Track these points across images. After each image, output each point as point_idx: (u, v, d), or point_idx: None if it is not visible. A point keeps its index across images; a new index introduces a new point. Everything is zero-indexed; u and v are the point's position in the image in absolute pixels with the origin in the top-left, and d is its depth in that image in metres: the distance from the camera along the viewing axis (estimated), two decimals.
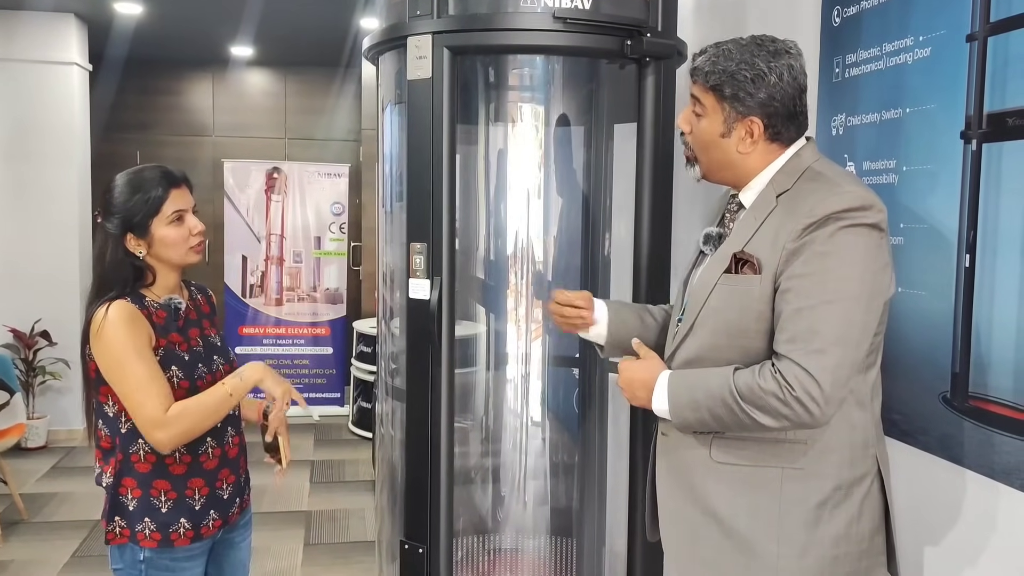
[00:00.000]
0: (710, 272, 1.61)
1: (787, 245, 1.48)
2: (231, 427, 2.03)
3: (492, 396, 2.99)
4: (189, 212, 1.91)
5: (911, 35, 1.73)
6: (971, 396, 1.57)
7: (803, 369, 1.42)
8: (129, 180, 1.89)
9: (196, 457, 1.92)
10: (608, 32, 2.26)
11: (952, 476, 1.65)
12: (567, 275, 2.92)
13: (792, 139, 1.60)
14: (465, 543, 2.90)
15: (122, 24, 6.02)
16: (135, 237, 1.87)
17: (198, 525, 1.92)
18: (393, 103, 2.62)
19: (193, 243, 1.92)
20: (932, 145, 1.67)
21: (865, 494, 1.57)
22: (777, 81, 1.54)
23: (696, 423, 1.57)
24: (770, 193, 1.57)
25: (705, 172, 1.68)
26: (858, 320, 1.45)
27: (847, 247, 1.45)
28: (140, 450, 1.88)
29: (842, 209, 1.45)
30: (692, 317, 1.62)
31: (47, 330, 5.78)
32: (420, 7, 2.28)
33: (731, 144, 1.60)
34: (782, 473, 1.55)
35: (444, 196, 2.28)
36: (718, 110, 1.59)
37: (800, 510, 1.54)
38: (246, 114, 7.75)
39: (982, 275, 1.54)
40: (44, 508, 4.65)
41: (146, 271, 1.90)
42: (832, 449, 1.54)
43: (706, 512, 1.62)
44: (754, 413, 1.47)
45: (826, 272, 1.44)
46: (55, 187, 5.93)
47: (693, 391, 1.55)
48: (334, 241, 6.86)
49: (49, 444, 5.81)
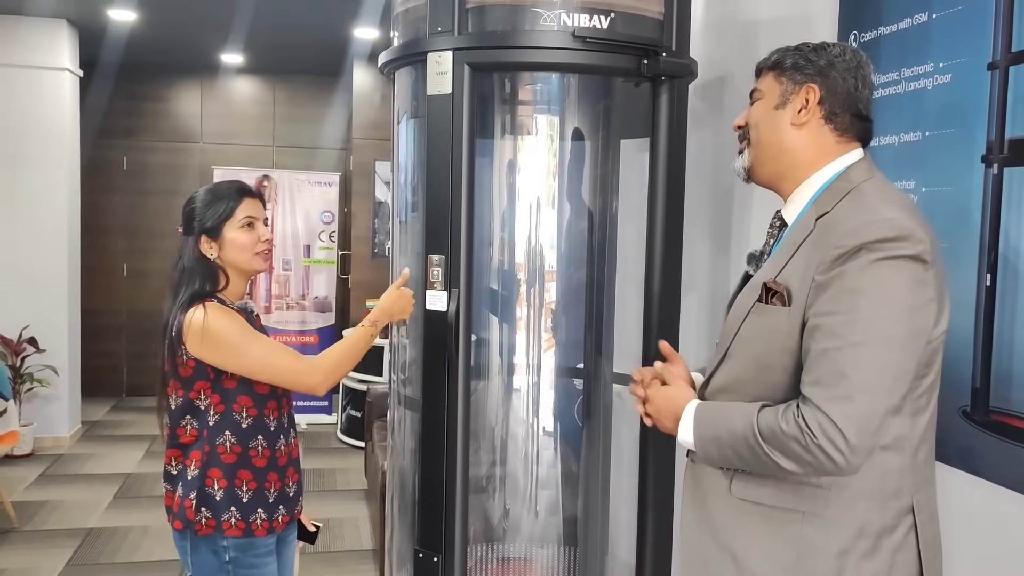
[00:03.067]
0: (745, 299, 1.52)
1: (816, 277, 1.37)
2: (292, 430, 2.17)
3: (498, 405, 3.03)
4: (260, 221, 2.07)
5: (931, 61, 1.80)
6: (992, 410, 1.63)
7: (826, 416, 1.31)
8: (209, 190, 2.07)
9: (274, 453, 2.06)
10: (625, 51, 2.31)
11: (972, 488, 1.71)
12: (577, 288, 2.96)
13: (848, 132, 1.50)
14: (475, 551, 2.92)
15: (114, 30, 6.01)
16: (208, 239, 2.02)
17: (272, 518, 2.05)
18: (409, 116, 2.65)
19: (260, 249, 2.06)
20: (951, 168, 1.73)
21: (898, 547, 1.42)
22: (840, 53, 1.49)
23: (720, 459, 1.49)
24: (811, 215, 1.47)
25: (753, 160, 1.57)
26: (892, 364, 1.33)
27: (880, 283, 1.32)
28: (227, 441, 2.00)
29: (875, 240, 1.32)
30: (726, 345, 1.55)
31: (34, 336, 5.73)
32: (441, 24, 2.31)
33: (785, 116, 1.51)
34: (802, 517, 1.44)
35: (463, 210, 2.31)
36: (776, 86, 1.54)
37: (819, 559, 1.42)
38: (235, 121, 7.74)
39: (1003, 293, 1.60)
40: (35, 516, 4.62)
41: (220, 272, 2.04)
42: (856, 495, 1.41)
43: (722, 547, 1.53)
44: (776, 457, 1.37)
45: (856, 311, 1.32)
46: (44, 192, 5.90)
47: (717, 428, 1.47)
48: (323, 250, 6.87)
49: (36, 451, 5.76)
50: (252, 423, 2.03)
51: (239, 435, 2.01)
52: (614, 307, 2.92)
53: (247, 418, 2.02)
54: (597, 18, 2.29)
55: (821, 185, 1.49)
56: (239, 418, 2.01)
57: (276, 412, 2.09)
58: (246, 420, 2.02)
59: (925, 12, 1.82)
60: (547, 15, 2.27)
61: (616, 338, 2.92)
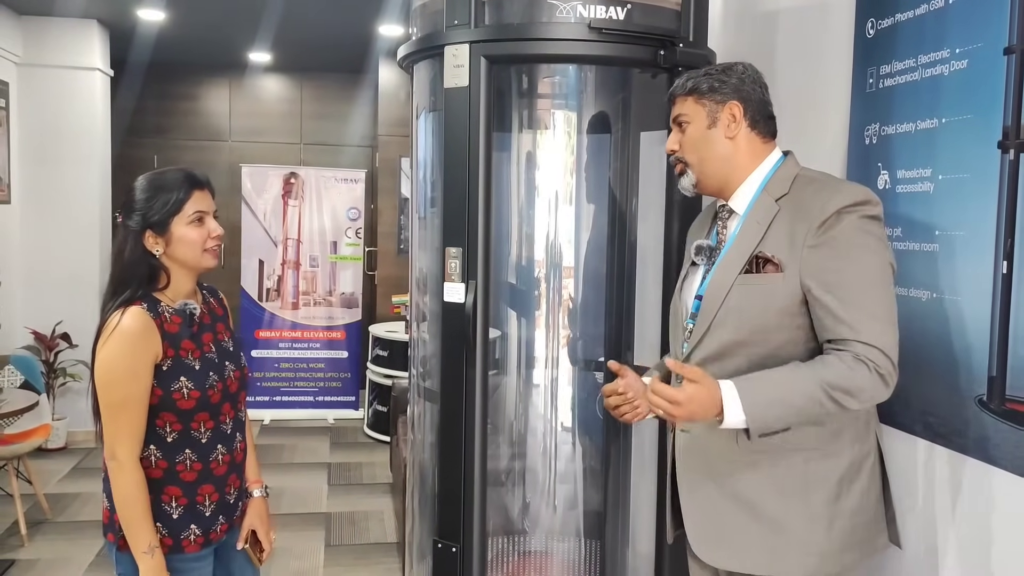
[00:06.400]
0: (724, 275, 1.72)
1: (807, 242, 1.61)
2: (239, 433, 2.03)
3: (518, 399, 3.04)
4: (210, 215, 1.91)
5: (947, 47, 1.77)
6: (1008, 399, 1.61)
7: (878, 349, 1.56)
8: (152, 180, 1.89)
9: (207, 465, 1.92)
10: (642, 42, 2.31)
11: (988, 477, 1.69)
12: (595, 280, 2.96)
13: (767, 132, 1.78)
14: (495, 544, 2.94)
15: (144, 30, 6.09)
16: (154, 235, 1.86)
17: (208, 531, 1.92)
18: (428, 110, 2.67)
19: (210, 246, 1.90)
20: (968, 155, 1.71)
21: (871, 467, 1.74)
22: (744, 71, 1.77)
23: (775, 421, 1.63)
24: (767, 199, 1.72)
25: (699, 176, 1.81)
26: (891, 300, 1.63)
27: (866, 236, 1.61)
28: (152, 456, 1.86)
29: (851, 203, 1.60)
30: (709, 318, 1.73)
31: (67, 332, 5.83)
32: (458, 17, 2.33)
33: (719, 133, 1.76)
34: (805, 455, 1.68)
35: (480, 202, 2.32)
36: (700, 109, 1.78)
37: (824, 487, 1.68)
38: (262, 119, 7.81)
39: (1020, 281, 1.58)
40: (68, 508, 4.70)
41: (161, 272, 1.88)
42: (844, 428, 1.69)
43: (736, 500, 1.72)
44: (842, 399, 1.57)
45: (859, 261, 1.59)
46: (76, 190, 6.00)
47: (771, 392, 1.60)
48: (350, 246, 6.91)
49: (68, 445, 5.87)
50: (177, 437, 1.87)
51: (164, 450, 1.86)
52: (634, 300, 2.91)
53: (171, 432, 1.87)
54: (614, 9, 2.29)
55: (763, 178, 1.76)
56: (163, 433, 1.86)
57: (211, 422, 1.92)
58: (170, 435, 1.87)
59: None
60: (563, 7, 2.28)
61: (636, 331, 2.91)
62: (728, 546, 1.75)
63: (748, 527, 1.71)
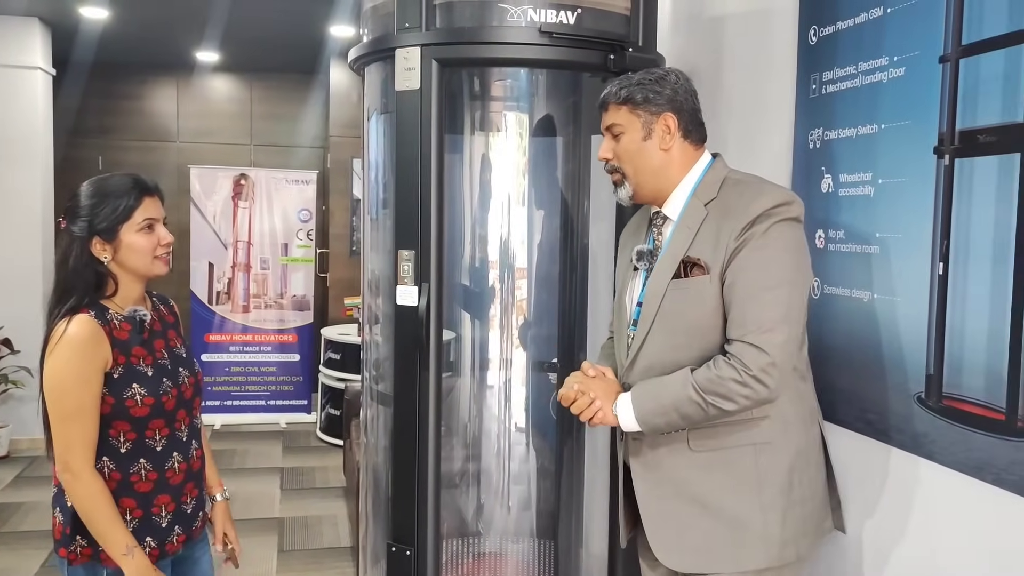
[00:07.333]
0: (657, 281, 1.78)
1: (729, 244, 1.67)
2: (195, 440, 1.98)
3: (472, 401, 3.04)
4: (159, 222, 1.88)
5: (886, 55, 1.83)
6: (945, 396, 1.66)
7: (755, 347, 1.61)
8: (100, 185, 1.84)
9: (163, 473, 1.87)
10: (591, 47, 2.34)
11: (927, 473, 1.74)
12: (548, 281, 2.98)
13: (699, 140, 1.83)
14: (449, 546, 2.94)
15: (87, 28, 5.96)
16: (102, 241, 1.81)
17: (163, 542, 1.88)
18: (379, 112, 2.66)
19: (160, 253, 1.87)
20: (906, 160, 1.76)
21: (818, 455, 1.83)
22: (676, 80, 1.81)
23: (665, 426, 1.73)
24: (697, 204, 1.77)
25: (635, 187, 1.84)
26: (796, 301, 1.67)
27: (781, 239, 1.67)
28: (104, 468, 1.81)
29: (772, 206, 1.67)
30: (647, 324, 1.78)
31: (8, 338, 5.69)
32: (409, 19, 2.33)
33: (654, 145, 1.80)
34: (755, 449, 1.74)
35: (432, 205, 2.33)
36: (634, 119, 1.80)
37: (775, 479, 1.74)
38: (211, 120, 7.70)
39: (955, 282, 1.63)
40: (11, 518, 4.59)
41: (108, 279, 1.84)
42: (790, 420, 1.75)
43: (693, 502, 1.77)
44: (717, 402, 1.63)
45: (766, 262, 1.65)
46: (17, 191, 5.85)
47: (657, 398, 1.71)
48: (301, 248, 6.85)
49: (11, 453, 5.72)
50: (132, 447, 1.83)
51: (117, 461, 1.81)
52: (587, 301, 2.94)
53: (125, 443, 1.82)
54: (564, 13, 2.30)
55: (693, 184, 1.80)
56: (116, 443, 1.81)
57: (166, 429, 1.88)
58: (124, 445, 1.82)
59: (881, 7, 1.85)
60: (514, 11, 2.29)
61: (588, 332, 2.94)
62: (693, 550, 1.78)
63: (711, 529, 1.75)
